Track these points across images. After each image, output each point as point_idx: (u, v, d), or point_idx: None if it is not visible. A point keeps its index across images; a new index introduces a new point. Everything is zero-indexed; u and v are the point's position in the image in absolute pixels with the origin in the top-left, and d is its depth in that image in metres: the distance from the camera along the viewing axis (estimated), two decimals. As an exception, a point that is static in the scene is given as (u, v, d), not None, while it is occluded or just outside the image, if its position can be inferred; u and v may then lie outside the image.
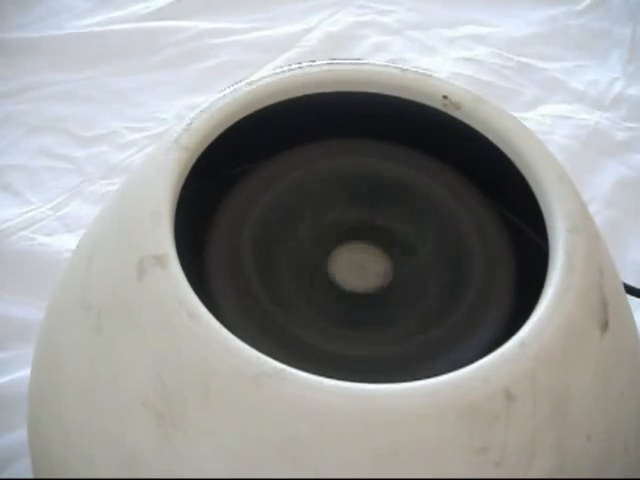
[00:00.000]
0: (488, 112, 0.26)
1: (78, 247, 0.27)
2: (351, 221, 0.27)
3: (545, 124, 0.63)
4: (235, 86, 0.26)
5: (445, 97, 0.26)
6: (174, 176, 0.22)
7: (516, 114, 0.70)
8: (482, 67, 0.67)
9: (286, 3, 0.71)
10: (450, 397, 0.19)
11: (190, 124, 0.24)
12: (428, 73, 0.27)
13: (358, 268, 0.26)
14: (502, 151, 0.25)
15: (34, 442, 0.27)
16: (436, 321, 0.24)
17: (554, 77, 0.68)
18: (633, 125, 0.64)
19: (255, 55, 0.66)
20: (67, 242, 0.51)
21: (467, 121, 0.26)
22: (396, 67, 0.27)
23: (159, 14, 0.69)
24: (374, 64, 0.27)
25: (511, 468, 0.19)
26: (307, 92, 0.26)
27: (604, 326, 0.22)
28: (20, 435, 0.41)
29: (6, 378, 0.44)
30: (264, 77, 0.26)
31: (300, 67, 0.26)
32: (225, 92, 0.25)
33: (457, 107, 0.25)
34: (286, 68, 0.27)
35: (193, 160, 0.23)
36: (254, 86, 0.25)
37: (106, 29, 0.67)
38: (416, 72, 0.26)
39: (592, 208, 0.57)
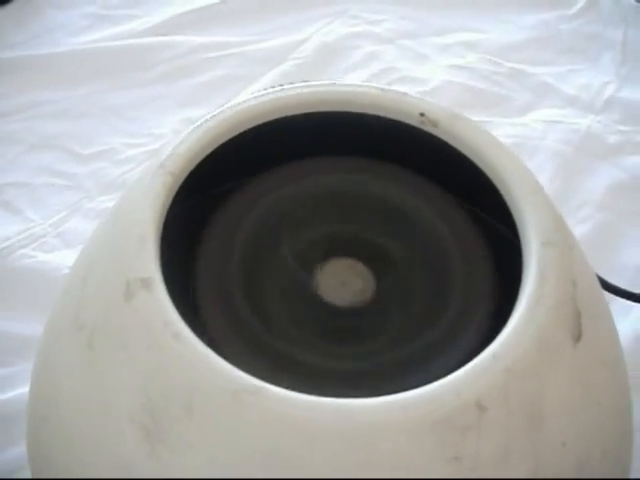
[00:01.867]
0: (464, 128, 0.26)
1: (74, 266, 0.28)
2: (335, 237, 0.28)
3: (537, 129, 0.64)
4: (216, 111, 0.27)
5: (422, 114, 0.26)
6: (159, 200, 0.23)
7: (508, 120, 0.71)
8: (474, 74, 0.68)
9: (278, 16, 0.72)
10: (423, 410, 0.20)
11: (174, 149, 0.25)
12: (405, 92, 0.27)
13: (342, 283, 0.27)
14: (478, 166, 0.26)
15: (33, 456, 0.27)
16: (418, 334, 0.25)
17: (546, 82, 0.68)
18: (625, 128, 0.64)
19: (250, 68, 0.67)
20: (67, 258, 0.52)
21: (444, 137, 0.26)
22: (376, 87, 0.27)
23: (154, 30, 0.70)
24: (355, 85, 0.28)
25: (485, 476, 0.20)
26: (289, 113, 0.27)
27: (577, 336, 0.22)
28: (21, 450, 0.42)
29: (7, 394, 0.45)
30: (245, 100, 0.27)
31: (281, 89, 0.27)
32: (207, 117, 0.26)
33: (434, 124, 0.26)
34: (268, 90, 0.27)
35: (178, 184, 0.24)
36: (235, 110, 0.26)
37: (102, 45, 0.68)
38: (395, 91, 0.27)
39: (585, 212, 0.58)
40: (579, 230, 0.55)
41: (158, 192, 0.23)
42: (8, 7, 0.72)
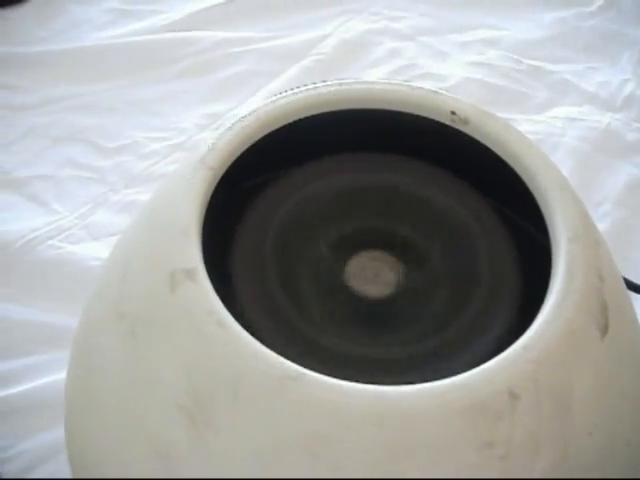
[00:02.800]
0: (494, 126, 0.27)
1: (110, 259, 0.29)
2: (365, 230, 0.28)
3: (556, 126, 0.64)
4: (255, 106, 0.27)
5: (453, 113, 0.27)
6: (201, 195, 0.24)
7: (528, 117, 0.71)
8: (493, 71, 0.69)
9: (300, 12, 0.73)
10: (457, 397, 0.21)
11: (214, 144, 0.26)
12: (436, 90, 0.28)
13: (373, 274, 0.28)
14: (507, 163, 0.27)
15: (72, 442, 0.28)
16: (447, 325, 0.26)
17: (565, 79, 0.68)
18: (644, 126, 0.65)
19: (272, 64, 0.68)
20: (93, 250, 0.53)
21: (474, 135, 0.27)
22: (407, 85, 0.28)
23: (177, 25, 0.71)
24: (386, 82, 0.28)
25: (516, 462, 0.21)
26: (323, 110, 0.28)
27: (604, 329, 0.23)
28: (50, 437, 0.43)
29: (38, 382, 0.46)
30: (281, 97, 0.28)
31: (315, 87, 0.28)
32: (246, 112, 0.27)
33: (465, 122, 0.27)
34: (302, 88, 0.28)
35: (217, 178, 0.25)
36: (271, 107, 0.27)
37: (126, 41, 0.69)
38: (426, 89, 0.28)
39: (603, 209, 0.59)
40: (598, 227, 0.56)
41: (199, 187, 0.24)
42: (30, 3, 0.73)
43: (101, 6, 0.74)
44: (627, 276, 0.49)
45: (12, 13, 0.71)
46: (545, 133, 0.63)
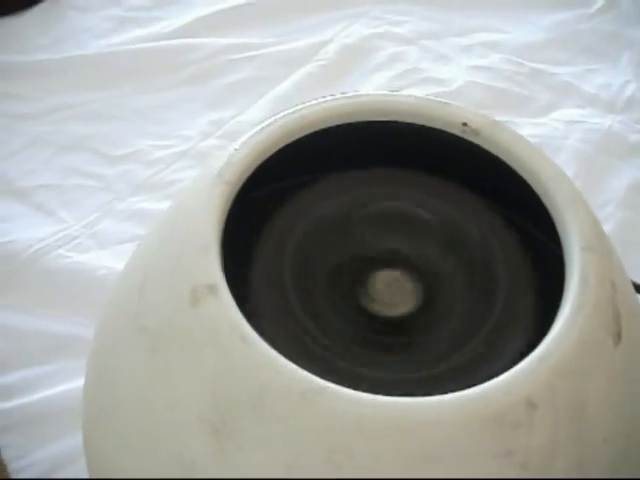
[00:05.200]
0: (505, 137, 0.27)
1: (127, 270, 0.29)
2: (384, 250, 0.29)
3: (559, 129, 0.65)
4: (269, 119, 0.28)
5: (465, 124, 0.27)
6: (219, 210, 0.24)
7: (530, 120, 0.72)
8: (495, 74, 0.69)
9: (301, 17, 0.73)
10: (476, 407, 0.21)
11: (230, 158, 0.26)
12: (448, 102, 0.28)
13: (390, 294, 0.28)
14: (519, 174, 0.27)
15: (91, 454, 0.29)
16: (464, 343, 0.26)
17: (566, 82, 0.69)
18: (646, 128, 0.65)
19: (275, 69, 0.68)
20: (101, 259, 0.53)
21: (485, 146, 0.28)
22: (419, 97, 0.28)
23: (180, 32, 0.71)
24: (398, 94, 0.29)
25: (534, 470, 0.21)
26: (336, 123, 0.28)
27: (617, 337, 0.23)
28: (64, 445, 0.44)
29: (49, 391, 0.46)
30: (296, 109, 0.28)
31: (328, 99, 0.28)
32: (261, 125, 0.27)
33: (476, 133, 0.27)
34: (315, 100, 0.29)
35: (234, 193, 0.25)
36: (286, 120, 0.27)
37: (128, 48, 0.69)
38: (437, 101, 0.28)
39: (607, 211, 0.59)
40: (602, 229, 0.56)
41: (217, 202, 0.24)
42: (31, 11, 0.73)
43: (102, 13, 0.74)
44: (631, 278, 0.49)
45: (13, 21, 0.72)
46: (548, 136, 0.63)
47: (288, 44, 0.70)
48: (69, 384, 0.46)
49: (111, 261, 0.53)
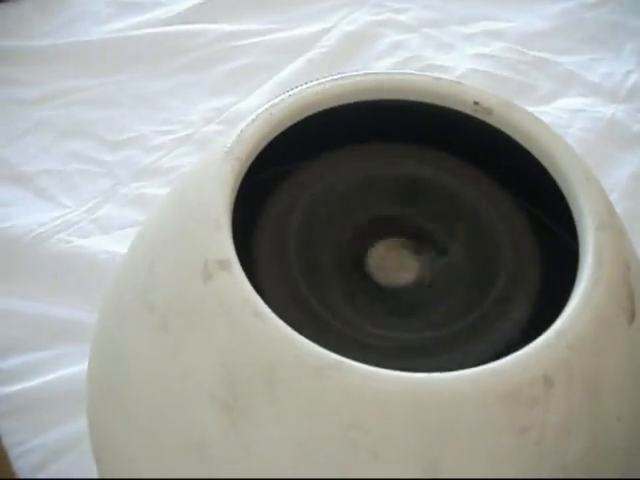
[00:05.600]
0: (517, 116, 0.27)
1: (133, 249, 0.29)
2: (388, 220, 0.29)
3: (562, 118, 0.64)
4: (279, 97, 0.28)
5: (476, 103, 0.27)
6: (230, 185, 0.24)
7: (533, 108, 0.71)
8: (498, 62, 0.69)
9: (304, 5, 0.73)
10: (494, 383, 0.21)
11: (240, 135, 0.26)
12: (459, 81, 0.28)
13: (395, 263, 0.28)
14: (531, 153, 0.27)
15: (97, 436, 0.28)
16: (469, 311, 0.26)
17: (569, 70, 0.69)
18: (648, 117, 0.65)
19: (277, 56, 0.68)
20: (103, 243, 0.53)
21: (498, 125, 0.27)
22: (430, 76, 0.28)
23: (181, 18, 0.70)
24: (409, 73, 0.29)
25: (549, 446, 0.21)
26: (347, 101, 0.28)
27: (632, 315, 0.23)
28: (63, 431, 0.43)
29: (51, 375, 0.46)
30: (305, 87, 0.28)
31: (339, 77, 0.28)
32: (270, 102, 0.27)
33: (488, 112, 0.27)
34: (326, 78, 0.28)
35: (245, 169, 0.25)
36: (296, 97, 0.27)
37: (130, 34, 0.69)
38: (449, 80, 0.28)
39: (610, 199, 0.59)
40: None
41: (228, 177, 0.24)
42: (32, -3, 0.72)
43: (103, -1, 0.74)
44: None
45: (13, 7, 0.71)
46: (551, 125, 0.63)
47: (290, 31, 0.70)
48: (70, 369, 0.45)
49: (112, 246, 0.52)
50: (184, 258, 0.24)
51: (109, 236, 0.54)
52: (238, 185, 0.25)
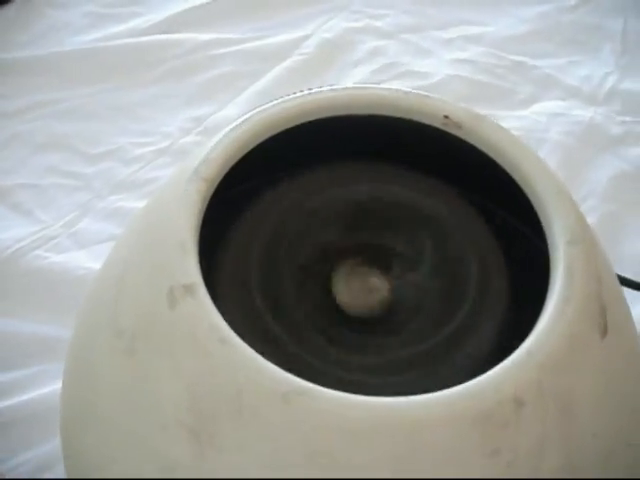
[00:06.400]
0: (487, 130, 0.27)
1: (104, 270, 0.29)
2: (352, 242, 0.28)
3: (540, 122, 0.64)
4: (247, 115, 0.27)
5: (446, 117, 0.27)
6: (196, 207, 0.24)
7: (512, 113, 0.71)
8: (477, 67, 0.69)
9: (281, 12, 0.73)
10: (464, 406, 0.21)
11: (207, 155, 0.25)
12: (427, 94, 0.28)
13: (361, 286, 0.28)
14: (502, 167, 0.27)
15: (70, 459, 0.28)
16: (437, 329, 0.26)
17: (548, 74, 0.69)
18: (627, 119, 0.65)
19: (255, 64, 0.67)
20: (80, 259, 0.53)
21: (467, 139, 0.27)
22: (399, 90, 0.28)
23: (158, 27, 0.70)
24: (378, 87, 0.28)
25: (522, 467, 0.21)
26: (314, 117, 0.27)
27: (604, 331, 0.23)
28: (43, 449, 0.43)
29: (30, 394, 0.46)
30: (273, 104, 0.28)
31: (306, 93, 0.28)
32: (238, 121, 0.27)
33: (458, 126, 0.27)
34: (293, 95, 0.28)
35: (212, 190, 0.25)
36: (263, 115, 0.27)
37: (107, 44, 0.68)
38: (418, 94, 0.28)
39: (589, 203, 0.59)
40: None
41: (194, 199, 0.24)
42: (8, 8, 0.71)
43: (80, 9, 0.73)
44: (615, 270, 0.49)
45: (-11, 18, 0.70)
46: (530, 129, 0.63)
47: (268, 39, 0.70)
48: (48, 387, 0.45)
49: (90, 261, 0.52)
50: (151, 282, 0.24)
51: (87, 251, 0.54)
52: (205, 207, 0.24)
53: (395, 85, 0.68)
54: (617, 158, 0.63)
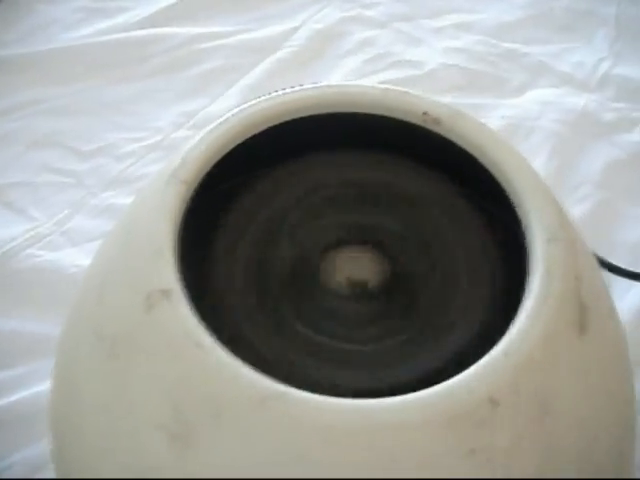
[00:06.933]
0: (466, 126, 0.27)
1: (88, 273, 0.29)
2: (343, 228, 0.28)
3: (534, 109, 0.64)
4: (226, 115, 0.27)
5: (425, 113, 0.27)
6: (175, 211, 0.24)
7: (505, 101, 0.71)
8: (469, 55, 0.68)
9: (271, 3, 0.72)
10: (439, 408, 0.21)
11: (186, 156, 0.25)
12: (407, 91, 0.28)
13: (350, 272, 0.28)
14: (481, 163, 0.26)
15: (58, 461, 0.28)
16: (425, 319, 0.26)
17: (541, 61, 0.68)
18: (620, 105, 0.65)
19: (245, 57, 0.67)
20: (73, 257, 0.53)
21: (447, 135, 0.27)
22: (378, 87, 0.28)
23: (148, 22, 0.70)
24: (358, 85, 0.28)
25: (499, 466, 0.21)
26: (294, 116, 0.27)
27: (583, 329, 0.23)
28: (36, 449, 0.43)
29: (22, 394, 0.46)
30: (252, 104, 0.27)
31: (285, 92, 0.28)
32: (217, 121, 0.27)
33: (437, 123, 0.27)
34: (272, 94, 0.28)
35: (191, 192, 0.25)
36: (244, 115, 0.27)
37: (96, 40, 0.68)
38: (397, 90, 0.28)
39: (583, 191, 0.59)
40: (578, 209, 0.56)
41: (173, 202, 0.24)
42: (-3, 5, 0.71)
43: (70, 4, 0.73)
44: (608, 257, 0.49)
45: (-23, 16, 0.70)
46: (523, 117, 0.63)
47: (258, 31, 0.69)
48: (42, 385, 0.45)
49: (83, 259, 0.52)
50: (130, 287, 0.24)
51: (79, 248, 0.54)
52: (184, 210, 0.24)
53: (387, 75, 0.69)
54: (611, 145, 0.62)
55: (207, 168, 0.25)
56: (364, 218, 0.29)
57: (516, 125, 0.62)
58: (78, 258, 0.52)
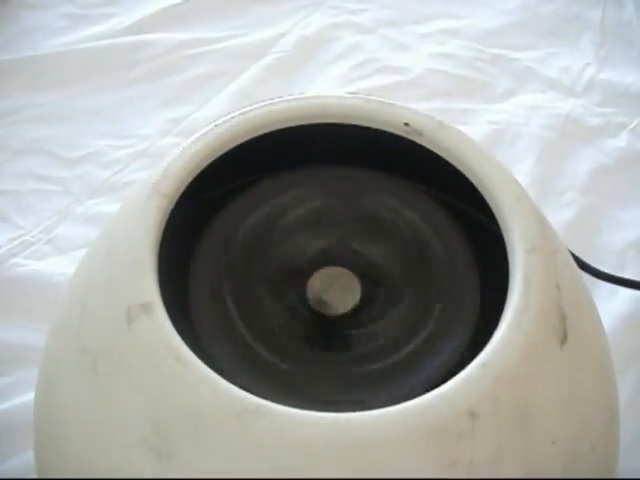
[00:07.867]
0: (448, 137, 0.27)
1: (72, 286, 0.29)
2: (325, 248, 0.28)
3: (520, 114, 0.64)
4: (207, 128, 0.27)
5: (406, 124, 0.27)
6: (155, 225, 0.24)
7: (491, 106, 0.71)
8: (456, 61, 0.68)
9: (257, 9, 0.72)
10: (419, 421, 0.21)
11: (167, 169, 0.25)
12: (391, 102, 0.28)
13: (332, 294, 0.28)
14: (462, 174, 0.27)
15: (41, 474, 0.28)
16: (405, 342, 0.26)
17: (527, 66, 0.69)
18: (606, 110, 0.65)
19: (232, 63, 0.67)
20: (60, 265, 0.52)
21: (429, 146, 0.27)
22: (361, 98, 0.28)
23: (133, 29, 0.69)
24: (340, 96, 0.28)
25: (480, 477, 0.21)
26: (275, 128, 0.27)
27: (563, 337, 0.23)
28: (21, 460, 0.43)
29: (6, 404, 0.45)
30: (233, 116, 0.27)
31: (266, 104, 0.28)
32: (198, 134, 0.27)
33: (419, 134, 0.27)
34: (253, 106, 0.28)
35: (172, 205, 0.25)
36: (224, 127, 0.27)
37: (82, 47, 0.68)
38: (380, 101, 0.28)
39: (569, 196, 0.59)
40: (564, 215, 0.56)
41: (153, 216, 0.24)
42: (-20, 11, 0.71)
43: (54, 11, 0.73)
44: (593, 263, 0.49)
45: (-39, 23, 0.70)
46: (509, 122, 0.63)
47: (245, 37, 0.69)
48: (26, 396, 0.45)
49: (69, 267, 0.52)
50: (111, 301, 0.24)
51: (66, 257, 0.54)
52: (165, 223, 0.24)
53: (374, 81, 0.69)
54: (596, 150, 0.62)
55: (188, 180, 0.25)
56: (344, 235, 0.29)
57: (502, 130, 0.63)
58: (64, 266, 0.52)
